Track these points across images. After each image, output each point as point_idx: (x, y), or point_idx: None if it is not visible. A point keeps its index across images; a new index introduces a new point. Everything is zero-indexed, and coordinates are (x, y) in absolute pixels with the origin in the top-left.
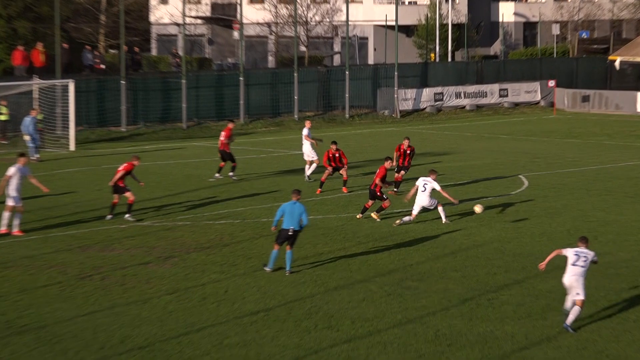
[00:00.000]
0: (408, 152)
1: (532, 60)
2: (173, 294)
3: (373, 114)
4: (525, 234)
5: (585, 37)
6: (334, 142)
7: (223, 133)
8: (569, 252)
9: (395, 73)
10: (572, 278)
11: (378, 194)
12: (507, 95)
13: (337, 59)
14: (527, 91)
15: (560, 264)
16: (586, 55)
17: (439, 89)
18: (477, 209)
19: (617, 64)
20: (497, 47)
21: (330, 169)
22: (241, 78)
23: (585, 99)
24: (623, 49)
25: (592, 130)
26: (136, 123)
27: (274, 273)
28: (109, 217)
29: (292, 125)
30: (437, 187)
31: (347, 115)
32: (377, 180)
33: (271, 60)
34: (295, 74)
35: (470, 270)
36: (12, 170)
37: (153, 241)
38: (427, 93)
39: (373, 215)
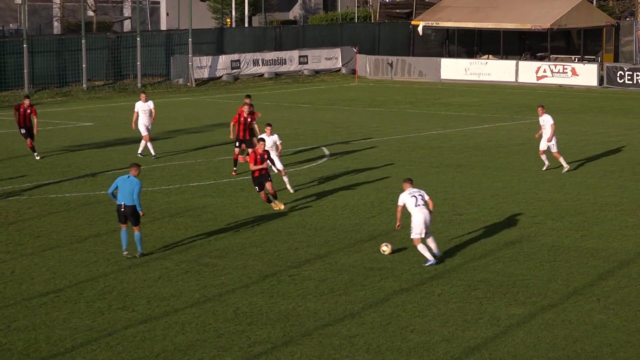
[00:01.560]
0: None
1: (332, 26)
2: None
3: (166, 83)
4: (327, 207)
5: (387, 1)
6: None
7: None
8: (406, 197)
9: (190, 39)
10: (423, 216)
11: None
12: (307, 63)
13: (127, 25)
14: (327, 58)
15: (361, 237)
16: (389, 21)
17: (235, 56)
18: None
19: (420, 29)
20: (296, 12)
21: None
22: (25, 45)
23: (389, 65)
24: (426, 13)
25: (395, 98)
26: None
27: (63, 251)
28: None
29: (80, 95)
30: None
31: (139, 85)
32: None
33: (57, 26)
34: (83, 41)
35: (271, 246)
36: None
37: None
38: (224, 60)
39: (276, 205)
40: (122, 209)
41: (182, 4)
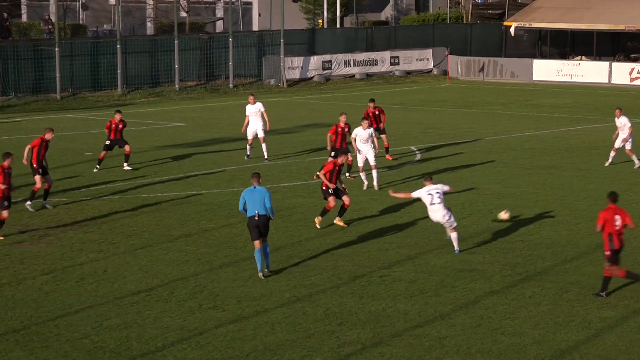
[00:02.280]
0: (347, 130)
1: (424, 27)
2: (49, 274)
3: (258, 84)
4: (418, 208)
5: (480, 2)
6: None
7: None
8: (422, 194)
9: (281, 40)
10: (439, 215)
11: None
12: (398, 64)
13: (219, 26)
14: (419, 59)
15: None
16: (480, 21)
17: (327, 57)
18: (503, 215)
19: (512, 30)
20: (387, 13)
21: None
22: (118, 46)
23: (480, 67)
24: (518, 14)
25: (487, 99)
26: (6, 94)
27: (155, 250)
28: (28, 204)
29: (172, 96)
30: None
31: (230, 85)
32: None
33: (150, 27)
34: (176, 42)
35: (361, 247)
36: None
37: (26, 219)
38: (315, 61)
39: (337, 222)
40: (257, 218)
41: (274, 5)
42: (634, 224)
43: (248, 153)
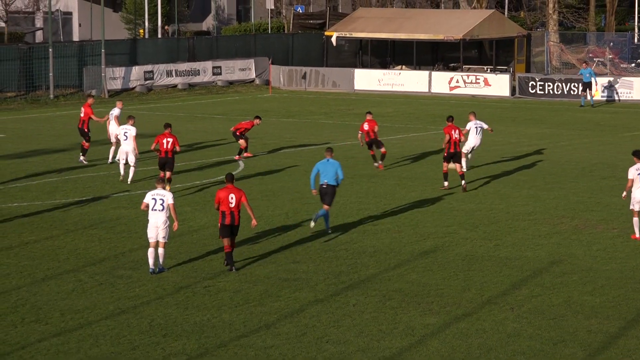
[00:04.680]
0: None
1: (246, 37)
2: None
3: (80, 94)
4: (242, 217)
5: (301, 12)
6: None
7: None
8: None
9: (102, 50)
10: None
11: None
12: (220, 74)
13: (39, 36)
14: (241, 69)
15: (275, 248)
16: (302, 31)
17: (149, 67)
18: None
19: (333, 40)
20: (209, 23)
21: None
22: None
23: (303, 76)
24: (339, 24)
25: (309, 109)
26: None
27: None
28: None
29: None
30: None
31: (51, 96)
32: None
33: None
34: None
35: (185, 257)
36: None
37: None
38: (137, 71)
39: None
40: (325, 187)
41: (94, 15)
42: None
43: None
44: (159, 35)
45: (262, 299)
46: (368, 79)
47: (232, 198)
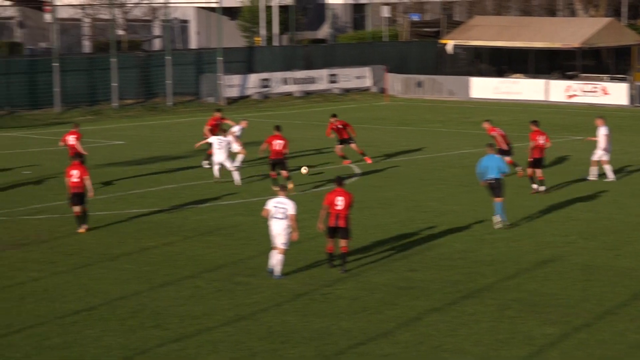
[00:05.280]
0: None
1: (361, 45)
2: None
3: (197, 102)
4: (358, 226)
5: (416, 19)
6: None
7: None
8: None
9: (219, 58)
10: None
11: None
12: (336, 81)
13: (157, 44)
14: (357, 77)
15: (392, 256)
16: (417, 39)
17: (265, 75)
18: (303, 171)
19: (449, 48)
20: (325, 31)
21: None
22: (55, 64)
23: (418, 84)
24: (455, 32)
25: (426, 117)
26: None
27: (95, 269)
28: None
29: (111, 114)
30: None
31: (169, 103)
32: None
33: (87, 45)
34: (113, 59)
35: (303, 264)
36: None
37: None
38: (254, 79)
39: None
40: (493, 182)
41: (211, 23)
42: None
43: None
44: (275, 43)
45: (379, 307)
46: (484, 87)
47: (339, 201)
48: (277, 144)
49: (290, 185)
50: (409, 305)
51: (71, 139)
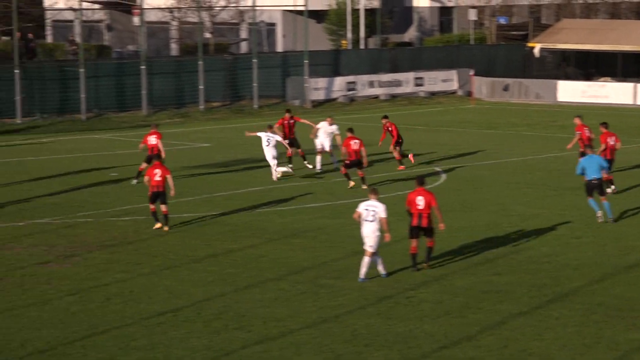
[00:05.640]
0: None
1: (448, 48)
2: (75, 294)
3: (283, 104)
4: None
5: (504, 23)
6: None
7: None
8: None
9: (306, 61)
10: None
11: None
12: (422, 85)
13: (244, 47)
14: (443, 80)
15: (476, 260)
16: (505, 42)
17: (351, 78)
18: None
19: (536, 51)
20: (411, 34)
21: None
22: (143, 67)
23: (505, 88)
24: (542, 35)
25: (512, 120)
26: (32, 114)
27: (180, 271)
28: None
29: (198, 117)
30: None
31: (255, 106)
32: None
33: (174, 48)
34: (200, 62)
35: (388, 267)
36: None
37: (53, 239)
38: (340, 82)
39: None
40: (595, 182)
41: (298, 26)
42: None
43: (318, 167)
44: (362, 47)
45: (462, 311)
46: (572, 91)
47: (420, 200)
48: (354, 143)
49: (351, 183)
50: (493, 309)
51: (153, 139)
